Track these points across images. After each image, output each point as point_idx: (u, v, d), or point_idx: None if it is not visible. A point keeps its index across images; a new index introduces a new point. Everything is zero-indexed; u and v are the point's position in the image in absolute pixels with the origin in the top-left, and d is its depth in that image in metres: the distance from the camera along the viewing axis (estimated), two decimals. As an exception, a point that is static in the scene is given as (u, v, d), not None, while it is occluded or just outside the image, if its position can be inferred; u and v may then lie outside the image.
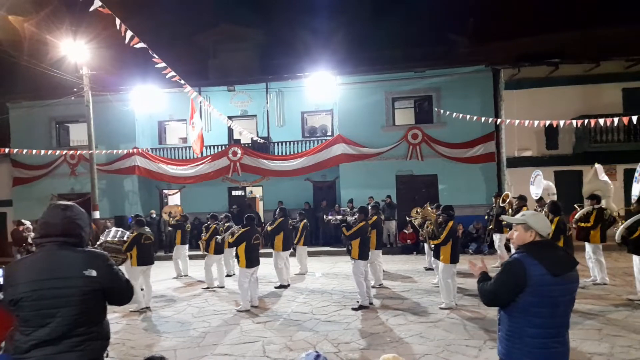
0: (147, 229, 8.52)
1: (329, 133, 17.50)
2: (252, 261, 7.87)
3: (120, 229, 8.28)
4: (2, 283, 2.36)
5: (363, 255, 7.60)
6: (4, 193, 17.81)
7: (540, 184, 10.41)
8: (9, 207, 17.64)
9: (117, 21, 6.77)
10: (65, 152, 16.33)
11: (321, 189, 16.98)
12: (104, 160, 16.58)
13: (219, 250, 9.84)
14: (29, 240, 11.33)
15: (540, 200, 9.68)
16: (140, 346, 6.15)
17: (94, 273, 2.40)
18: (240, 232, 7.96)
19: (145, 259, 8.16)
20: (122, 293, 2.63)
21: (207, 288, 9.69)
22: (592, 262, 8.76)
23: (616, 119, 9.32)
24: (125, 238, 7.85)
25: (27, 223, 11.92)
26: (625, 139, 13.82)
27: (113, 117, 16.78)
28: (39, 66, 13.77)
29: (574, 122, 10.48)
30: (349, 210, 13.56)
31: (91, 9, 6.12)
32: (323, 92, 16.16)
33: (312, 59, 17.16)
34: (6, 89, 17.73)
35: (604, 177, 9.39)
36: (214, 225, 9.98)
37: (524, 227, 2.79)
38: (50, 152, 14.85)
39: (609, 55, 13.88)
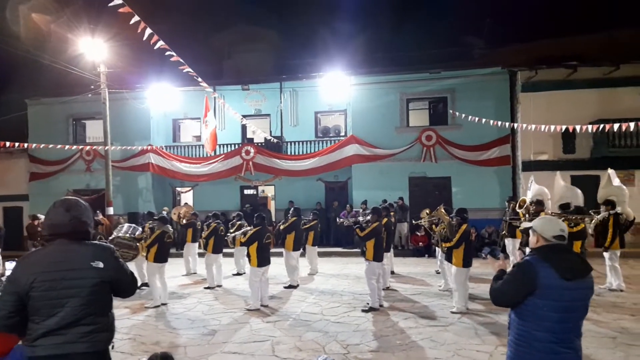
0: (170, 228, 8.62)
1: (342, 133, 17.46)
2: (263, 260, 7.88)
3: (133, 225, 8.36)
4: (15, 275, 2.43)
5: (378, 257, 7.54)
6: (20, 188, 18.13)
7: (533, 189, 10.16)
8: (26, 201, 17.97)
9: (136, 19, 6.85)
10: (81, 148, 16.56)
11: (333, 190, 16.95)
12: (119, 157, 16.78)
13: (217, 249, 9.84)
14: (44, 235, 11.50)
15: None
16: (150, 342, 6.20)
17: (101, 265, 2.49)
18: (252, 231, 7.98)
19: (162, 257, 8.26)
20: (128, 285, 2.72)
21: (208, 287, 9.62)
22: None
23: (632, 124, 9.15)
24: (137, 234, 7.92)
25: (42, 218, 12.11)
26: (644, 145, 13.54)
27: (129, 114, 16.98)
28: (58, 63, 14.01)
29: (589, 127, 10.28)
30: (362, 211, 13.52)
31: (110, 4, 6.20)
32: (337, 92, 16.14)
33: (326, 59, 17.16)
34: (25, 85, 18.07)
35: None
36: (214, 224, 9.97)
37: (532, 231, 2.82)
38: (66, 147, 15.07)
39: (629, 59, 13.60)
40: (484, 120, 12.29)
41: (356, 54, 18.06)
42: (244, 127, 17.41)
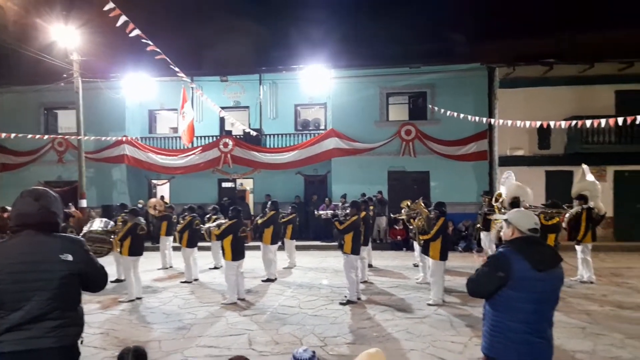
0: (142, 220, 8.44)
1: (322, 127, 17.40)
2: (237, 254, 7.78)
3: (105, 219, 8.15)
4: None
5: (355, 250, 7.56)
6: (-10, 179, 17.54)
7: (508, 185, 10.30)
8: (-5, 193, 17.39)
9: (110, 5, 6.63)
10: (53, 138, 16.07)
11: (312, 183, 16.91)
12: (93, 148, 16.37)
13: (192, 243, 9.68)
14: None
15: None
16: (123, 336, 6.06)
17: (70, 257, 2.41)
18: (227, 224, 7.87)
19: (137, 250, 8.09)
20: (98, 279, 2.64)
21: (185, 281, 9.46)
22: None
23: (603, 121, 9.34)
24: (109, 228, 7.72)
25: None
26: (616, 141, 13.89)
27: (103, 104, 16.53)
28: (29, 51, 13.50)
29: (563, 123, 10.43)
30: (341, 205, 13.51)
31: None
32: (317, 86, 16.06)
33: (306, 51, 17.08)
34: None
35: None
36: (189, 217, 9.80)
37: (506, 223, 2.86)
38: (37, 137, 14.57)
39: (603, 57, 13.91)
40: (462, 115, 12.41)
41: (337, 47, 18.01)
42: (222, 119, 17.15)
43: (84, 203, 14.82)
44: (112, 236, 7.73)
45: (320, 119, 17.78)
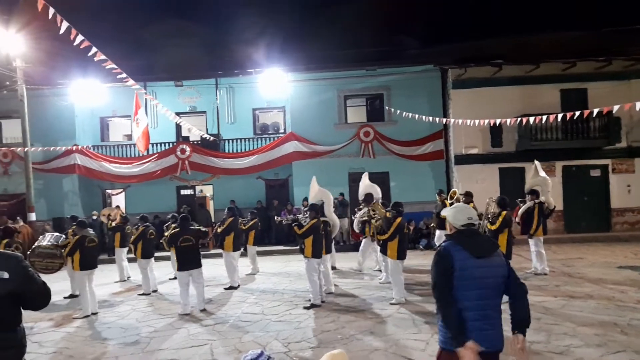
0: (91, 231, 8.07)
1: (281, 130, 17.34)
2: (184, 263, 7.54)
3: (56, 233, 7.79)
4: None
5: (316, 253, 7.53)
6: None
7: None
8: None
9: (52, 11, 6.31)
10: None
11: (273, 187, 16.79)
12: (41, 158, 15.58)
13: (146, 253, 9.33)
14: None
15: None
16: (79, 355, 5.78)
17: (5, 275, 2.26)
18: (170, 233, 7.68)
19: (89, 263, 7.71)
20: (38, 296, 2.47)
21: (143, 294, 9.13)
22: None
23: (544, 117, 9.74)
24: (60, 242, 7.37)
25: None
26: (563, 138, 14.59)
27: (51, 112, 15.80)
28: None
29: (508, 121, 10.79)
30: (303, 208, 13.47)
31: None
32: (275, 89, 15.96)
33: (263, 55, 16.90)
34: None
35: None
36: (142, 228, 9.45)
37: (447, 219, 3.03)
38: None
39: (547, 58, 14.58)
40: (417, 116, 12.68)
41: (292, 50, 17.99)
42: (178, 125, 16.77)
43: (32, 216, 14.08)
44: (62, 250, 7.38)
45: (279, 122, 17.71)
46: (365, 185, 10.29)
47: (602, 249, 12.23)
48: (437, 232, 11.12)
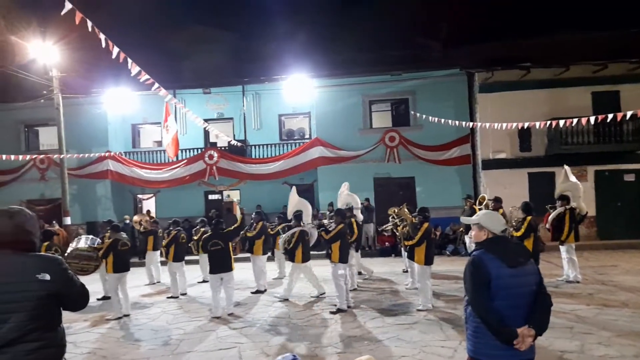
0: (124, 235, 8.32)
1: (307, 136, 17.46)
2: (215, 267, 7.68)
3: (91, 236, 8.06)
4: None
5: (343, 259, 7.55)
6: (-30, 199, 17.15)
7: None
8: (-24, 213, 16.97)
9: (90, 24, 6.57)
10: (34, 156, 15.84)
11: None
12: (75, 164, 16.16)
13: (178, 257, 9.54)
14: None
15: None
16: (112, 356, 5.97)
17: (47, 277, 2.34)
18: (203, 237, 7.88)
19: (122, 266, 7.95)
20: (77, 298, 2.56)
21: (172, 297, 9.32)
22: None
23: (575, 120, 9.53)
24: (96, 245, 7.63)
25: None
26: (595, 141, 14.20)
27: (84, 120, 16.38)
28: (7, 68, 13.33)
29: (537, 124, 10.58)
30: (328, 213, 13.51)
31: (63, 13, 5.90)
32: (300, 95, 16.13)
33: (289, 62, 17.09)
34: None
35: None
36: (174, 232, 9.67)
37: (478, 227, 2.92)
38: (20, 157, 14.34)
39: (578, 60, 14.24)
40: (443, 120, 12.57)
41: (319, 56, 18.07)
42: (206, 132, 17.13)
43: (68, 220, 14.59)
44: (98, 253, 7.63)
45: (305, 128, 17.84)
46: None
47: (637, 256, 11.81)
48: (467, 239, 10.98)
